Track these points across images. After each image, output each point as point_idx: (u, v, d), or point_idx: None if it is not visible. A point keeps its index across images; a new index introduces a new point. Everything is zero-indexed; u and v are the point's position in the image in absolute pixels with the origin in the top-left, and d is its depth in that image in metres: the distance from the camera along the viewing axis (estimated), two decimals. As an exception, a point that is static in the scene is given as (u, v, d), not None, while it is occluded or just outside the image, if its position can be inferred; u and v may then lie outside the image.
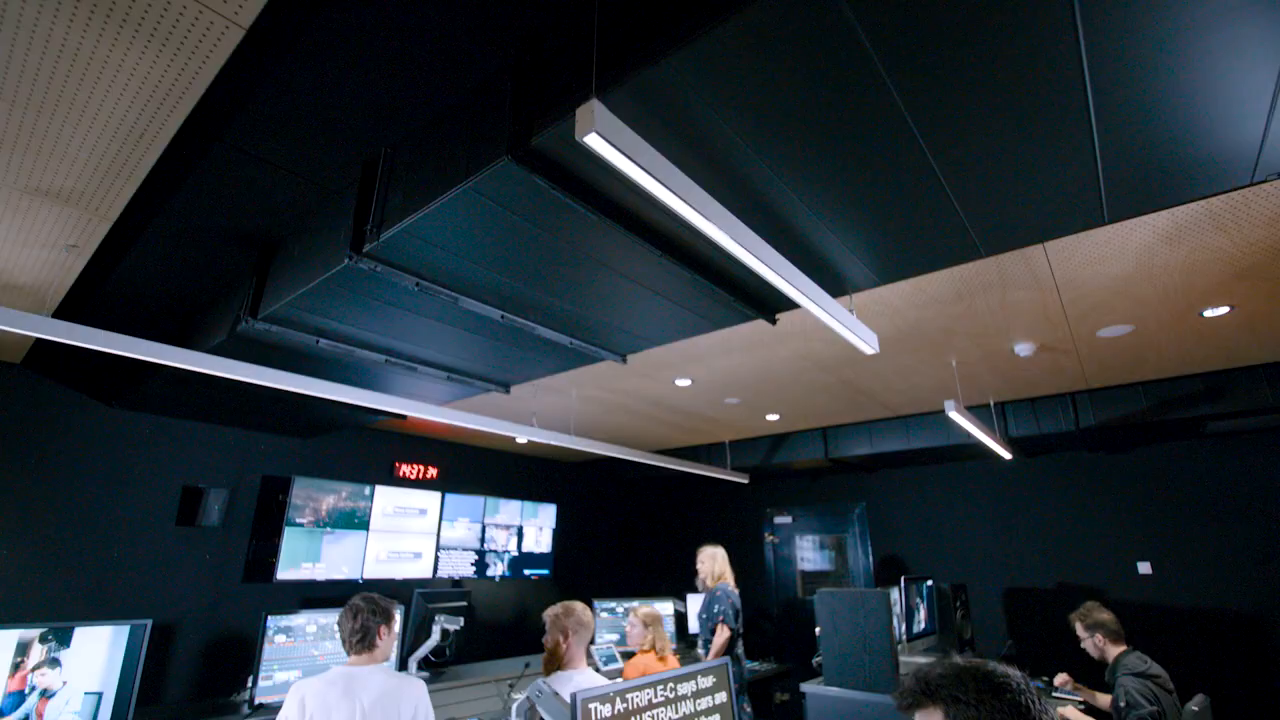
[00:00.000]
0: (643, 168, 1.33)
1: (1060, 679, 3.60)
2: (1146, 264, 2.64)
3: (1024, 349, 3.61)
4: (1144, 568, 5.19)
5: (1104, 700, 3.35)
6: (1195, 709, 2.75)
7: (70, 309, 3.18)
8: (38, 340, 3.48)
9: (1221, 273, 2.73)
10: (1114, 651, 3.20)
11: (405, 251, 2.10)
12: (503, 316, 2.53)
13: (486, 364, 3.32)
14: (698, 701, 1.61)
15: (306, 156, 2.19)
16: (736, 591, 4.49)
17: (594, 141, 1.26)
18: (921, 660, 3.49)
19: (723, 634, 4.18)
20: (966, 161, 1.75)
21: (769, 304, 2.63)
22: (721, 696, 1.66)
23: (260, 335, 2.74)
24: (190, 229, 2.59)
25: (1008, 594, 5.75)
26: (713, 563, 4.59)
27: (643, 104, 1.50)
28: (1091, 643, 3.26)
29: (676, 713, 1.54)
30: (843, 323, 2.24)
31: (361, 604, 2.23)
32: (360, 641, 2.18)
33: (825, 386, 4.42)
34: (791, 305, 2.59)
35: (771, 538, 7.42)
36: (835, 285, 2.36)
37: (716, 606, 4.31)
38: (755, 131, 1.62)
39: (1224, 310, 3.12)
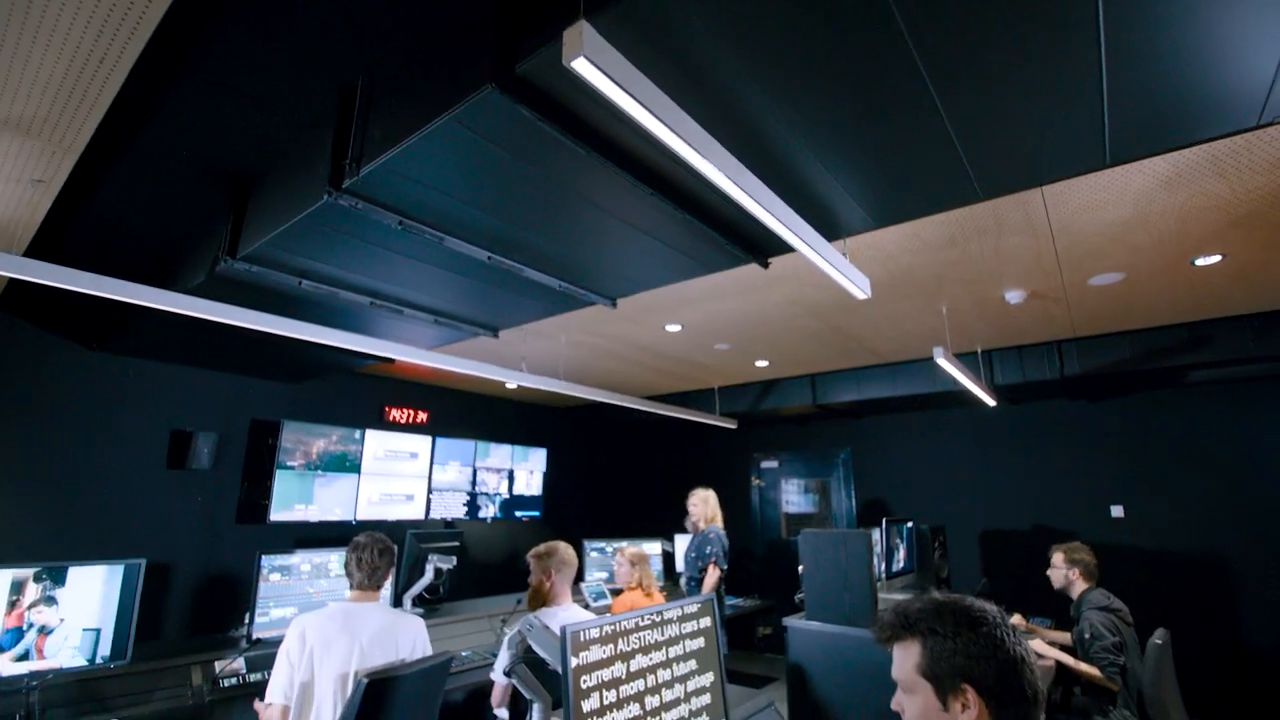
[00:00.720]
0: (634, 97, 1.26)
1: (1013, 620, 3.77)
2: (1144, 210, 2.61)
3: (1015, 296, 3.60)
4: (1116, 511, 5.37)
5: (1053, 638, 3.52)
6: (1158, 642, 2.89)
7: (41, 248, 3.07)
8: (11, 281, 3.38)
9: (1217, 220, 2.71)
10: (1081, 588, 3.34)
11: (386, 188, 2.02)
12: (490, 258, 2.47)
13: (474, 307, 3.27)
14: (683, 626, 1.66)
15: (280, 84, 2.08)
16: (725, 534, 4.62)
17: (582, 67, 1.20)
18: (899, 597, 3.63)
19: (714, 575, 4.31)
20: (971, 98, 1.69)
21: (762, 247, 2.59)
22: (705, 622, 1.72)
23: (240, 276, 2.67)
24: (162, 164, 2.48)
25: (984, 535, 5.95)
26: (705, 506, 4.69)
27: (634, 28, 1.42)
28: (1064, 574, 3.39)
29: (662, 640, 1.59)
30: (836, 267, 2.21)
31: (376, 543, 2.27)
32: (370, 579, 2.23)
33: (815, 333, 4.42)
34: (785, 249, 2.55)
35: (758, 481, 7.58)
36: (829, 229, 2.32)
37: (709, 548, 4.42)
38: (754, 61, 1.54)
39: (1216, 259, 3.12)
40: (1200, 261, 3.15)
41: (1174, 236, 2.86)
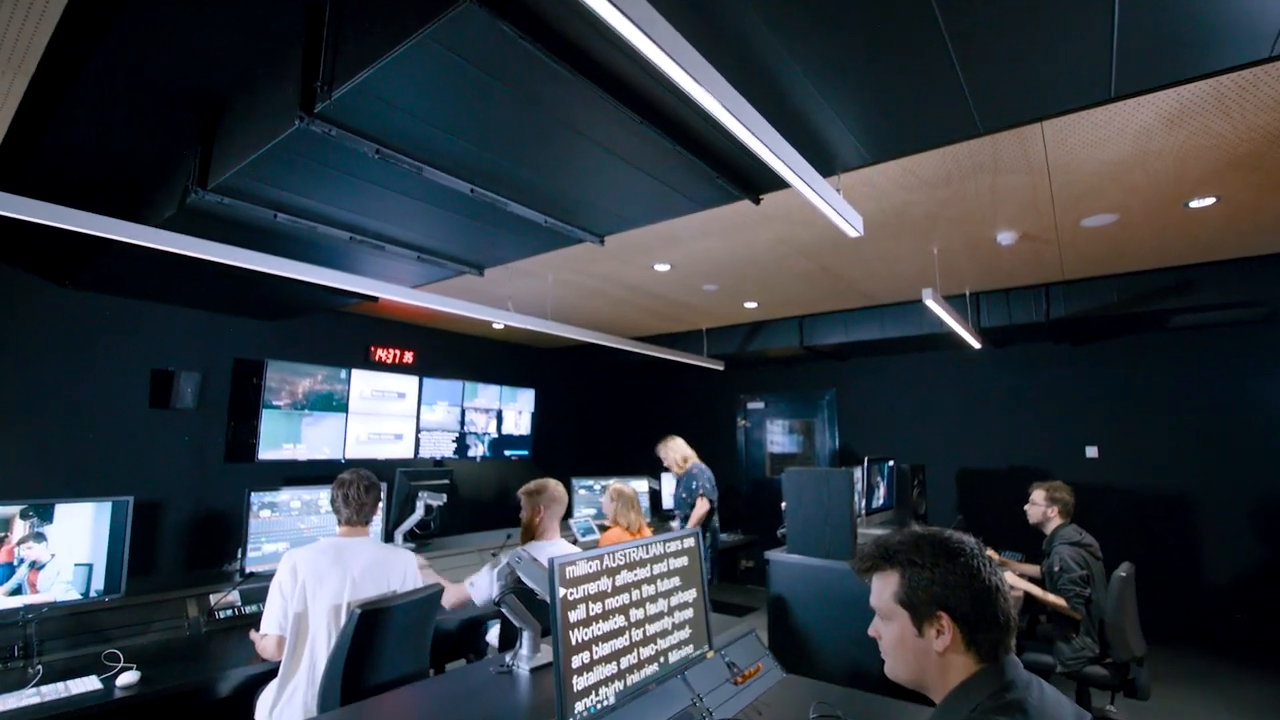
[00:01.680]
0: (621, 10, 1.18)
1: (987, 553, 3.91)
2: (1143, 148, 2.56)
3: (1006, 237, 3.57)
4: (1091, 452, 5.53)
5: (1023, 570, 3.67)
6: (1123, 575, 3.02)
7: (-1, 178, 2.93)
8: (-31, 212, 3.23)
9: (1215, 160, 2.66)
10: (1055, 524, 3.45)
11: (361, 113, 1.92)
12: (472, 190, 2.38)
13: (458, 243, 3.19)
14: (668, 546, 1.70)
15: (242, -2, 1.94)
16: (708, 468, 4.73)
17: (566, -23, 1.11)
18: (878, 532, 3.75)
19: (702, 506, 4.45)
20: (978, 25, 1.60)
21: (754, 182, 2.52)
22: (689, 543, 1.76)
23: (212, 208, 2.57)
24: (123, 87, 2.33)
25: (961, 474, 6.12)
26: (671, 450, 4.80)
27: (623, -64, 1.31)
28: (1042, 510, 3.49)
29: (647, 558, 1.62)
30: (829, 203, 2.15)
31: (362, 480, 2.28)
32: (358, 514, 2.25)
33: (805, 273, 4.38)
34: (777, 184, 2.48)
35: (744, 422, 7.69)
36: (824, 163, 2.25)
37: (694, 482, 4.55)
38: (749, -23, 1.45)
39: (1210, 201, 3.09)
40: (1194, 204, 3.12)
41: (1171, 177, 2.82)
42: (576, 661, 1.36)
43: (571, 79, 1.73)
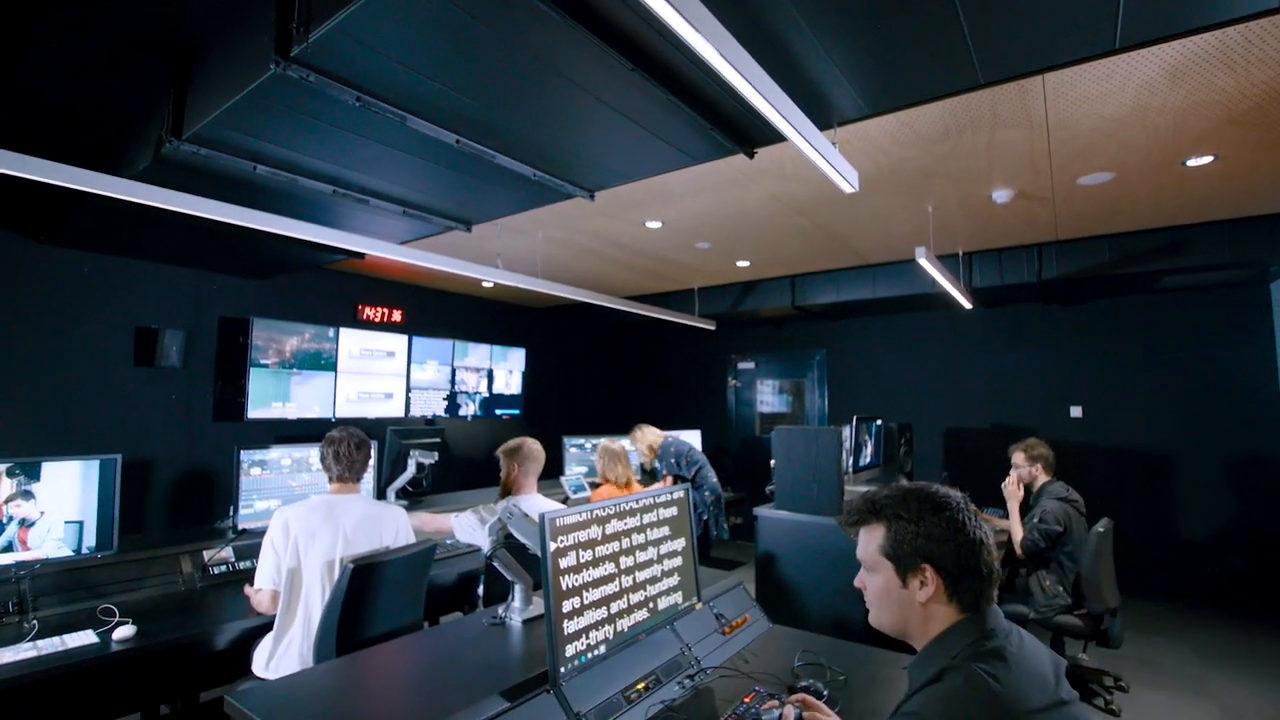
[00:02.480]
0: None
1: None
2: (1144, 104, 2.51)
3: (1002, 195, 3.53)
4: (1076, 411, 5.61)
5: (1000, 526, 3.76)
6: (1101, 530, 3.10)
7: (-38, 125, 2.81)
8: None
9: (1216, 117, 2.62)
10: (1043, 480, 3.53)
11: (340, 57, 1.84)
12: (458, 141, 2.31)
13: (445, 198, 3.11)
14: (658, 497, 1.72)
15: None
16: (686, 442, 4.76)
17: (553, -93, 1.04)
18: (864, 489, 3.82)
19: (667, 484, 4.55)
20: (981, -36, 1.54)
21: (748, 135, 2.45)
22: (678, 494, 1.78)
23: (188, 159, 2.48)
24: (90, 30, 2.21)
25: (948, 433, 6.22)
26: (638, 443, 4.77)
27: None
28: (1027, 470, 3.56)
29: (637, 508, 1.64)
30: (825, 157, 2.11)
31: (351, 437, 2.28)
32: (349, 471, 2.25)
33: (798, 231, 4.33)
34: (772, 138, 2.42)
35: (734, 382, 7.73)
36: (821, 115, 2.19)
37: (660, 464, 4.63)
38: (745, -88, 1.37)
39: (1207, 160, 3.06)
40: (1192, 162, 3.09)
41: (1170, 134, 2.78)
42: (568, 609, 1.38)
43: (560, 21, 1.66)
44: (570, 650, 1.36)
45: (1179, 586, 5.09)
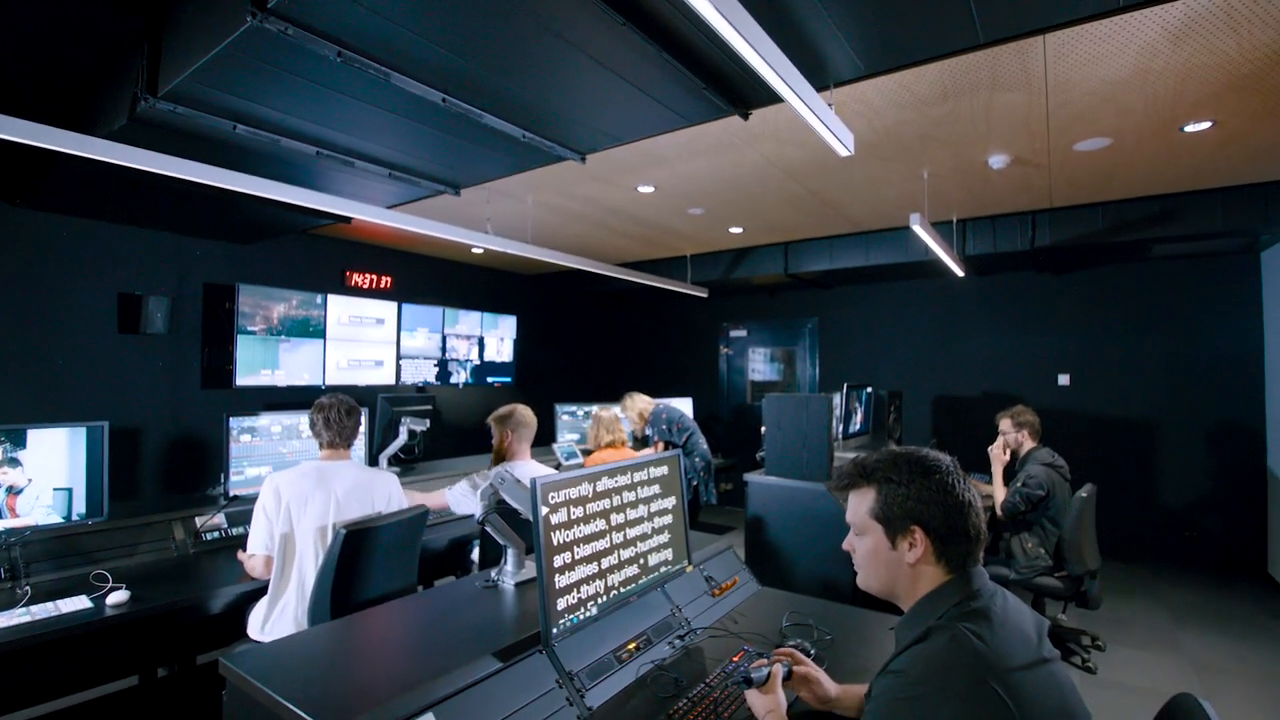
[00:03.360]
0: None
1: None
2: (1144, 66, 2.47)
3: (998, 161, 3.49)
4: (1063, 379, 5.67)
5: (985, 491, 3.82)
6: (1084, 495, 3.16)
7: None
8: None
9: (1216, 81, 2.59)
10: (1029, 446, 3.58)
11: (319, 8, 1.76)
12: (445, 100, 2.24)
13: (432, 160, 3.04)
14: (651, 471, 1.73)
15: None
16: (678, 409, 4.77)
17: None
18: (854, 455, 3.86)
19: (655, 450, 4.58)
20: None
21: (743, 96, 2.39)
22: (663, 473, 1.79)
23: (165, 118, 2.40)
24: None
25: (937, 400, 6.27)
26: (628, 411, 4.74)
27: None
28: (1014, 437, 3.61)
29: (628, 480, 1.65)
30: (821, 119, 2.06)
31: (341, 404, 2.26)
32: (339, 437, 2.24)
33: (792, 197, 4.28)
34: (767, 99, 2.36)
35: (726, 350, 7.74)
36: (817, 74, 2.14)
37: (652, 430, 4.63)
38: None
39: (1205, 125, 3.03)
40: (1190, 128, 3.06)
41: (1169, 98, 2.74)
42: (560, 565, 1.39)
43: (548, -27, 1.60)
44: (562, 610, 1.38)
45: (1158, 550, 5.23)
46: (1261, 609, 4.15)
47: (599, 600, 1.49)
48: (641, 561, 1.65)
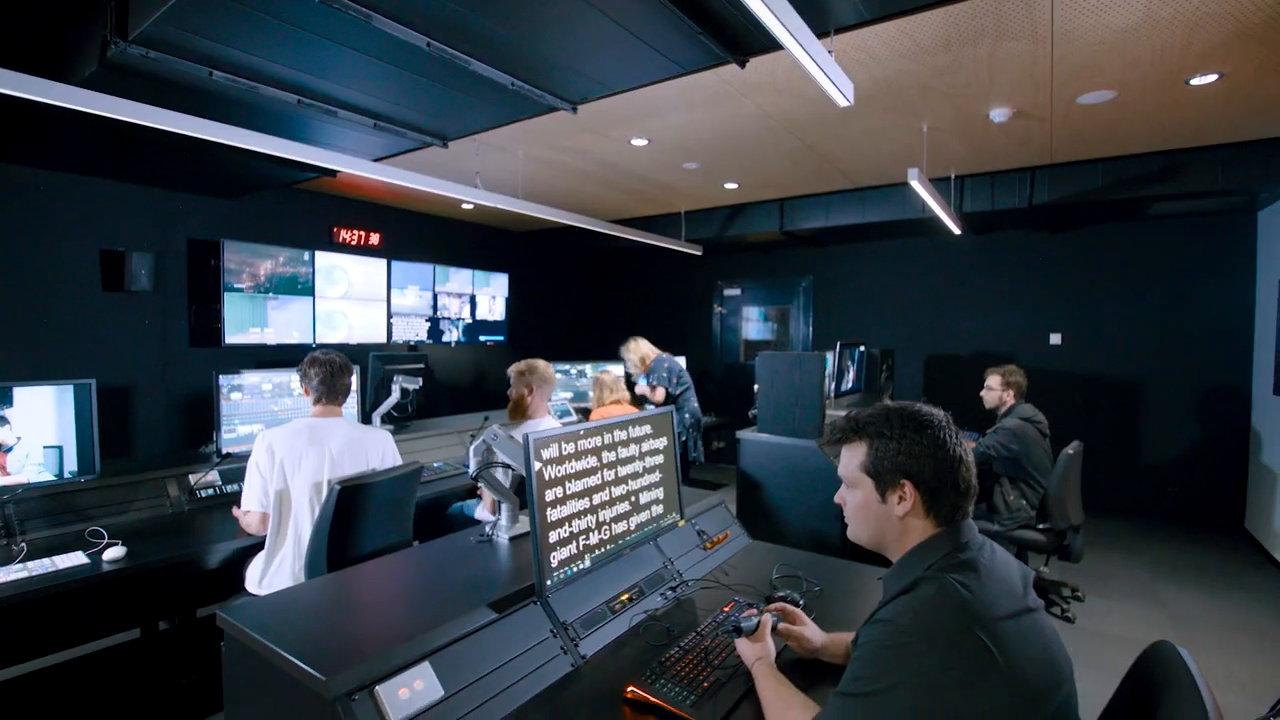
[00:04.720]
0: None
1: None
2: (1154, 15, 2.39)
3: (999, 114, 3.42)
4: (1055, 339, 5.69)
5: (970, 448, 3.88)
6: (1070, 452, 3.20)
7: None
8: None
9: (1226, 31, 2.51)
10: (1011, 403, 3.61)
11: (295, -55, 1.67)
12: (429, 45, 2.15)
13: (418, 109, 2.94)
14: (642, 445, 1.73)
15: None
16: (678, 360, 4.79)
17: None
18: (845, 413, 3.89)
19: (656, 395, 4.61)
20: None
21: (741, 42, 2.31)
22: (656, 431, 1.79)
23: (137, 64, 2.30)
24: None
25: (929, 359, 6.30)
26: (631, 354, 4.83)
27: None
28: (998, 395, 3.65)
29: (624, 436, 1.66)
30: (821, 66, 2.00)
31: (331, 360, 2.24)
32: (330, 394, 2.23)
33: (789, 151, 4.19)
34: (766, 45, 2.28)
35: (720, 309, 7.71)
36: (817, 20, 2.06)
37: (653, 376, 4.67)
38: None
39: (1212, 78, 2.96)
40: (1196, 80, 2.99)
41: (1176, 48, 2.67)
42: (554, 522, 1.40)
43: (536, -94, 1.51)
44: (556, 563, 1.40)
45: (1142, 506, 5.35)
46: (1238, 562, 4.28)
47: (592, 553, 1.51)
48: (634, 521, 1.66)
